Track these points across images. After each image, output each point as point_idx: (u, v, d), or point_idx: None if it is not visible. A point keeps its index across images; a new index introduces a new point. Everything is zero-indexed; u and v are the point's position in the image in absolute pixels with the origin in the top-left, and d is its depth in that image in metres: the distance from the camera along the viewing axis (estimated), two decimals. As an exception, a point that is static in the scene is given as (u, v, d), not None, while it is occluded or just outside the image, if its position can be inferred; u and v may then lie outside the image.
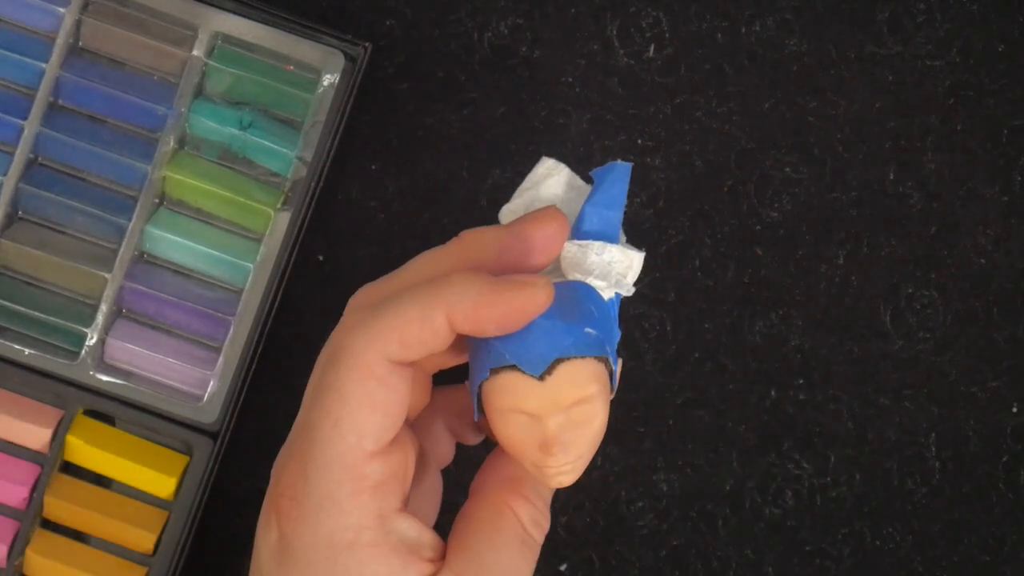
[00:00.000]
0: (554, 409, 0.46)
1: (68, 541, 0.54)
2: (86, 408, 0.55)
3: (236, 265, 0.55)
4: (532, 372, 0.45)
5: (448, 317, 0.44)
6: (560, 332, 0.46)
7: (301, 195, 0.55)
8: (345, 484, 0.44)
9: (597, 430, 0.47)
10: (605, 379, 0.47)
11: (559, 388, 0.46)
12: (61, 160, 0.56)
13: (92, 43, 0.56)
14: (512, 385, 0.46)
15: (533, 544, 0.47)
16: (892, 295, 0.56)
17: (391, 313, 0.44)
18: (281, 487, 0.45)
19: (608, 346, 0.47)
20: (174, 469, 0.54)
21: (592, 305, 0.47)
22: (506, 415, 0.46)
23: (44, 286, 0.56)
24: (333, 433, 0.44)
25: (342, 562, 0.44)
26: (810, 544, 0.56)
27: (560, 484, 0.47)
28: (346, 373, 0.44)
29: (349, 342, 0.45)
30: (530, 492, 0.48)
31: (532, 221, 0.47)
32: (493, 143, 0.57)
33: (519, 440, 0.47)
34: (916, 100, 0.56)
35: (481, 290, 0.44)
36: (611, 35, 0.57)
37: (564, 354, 0.45)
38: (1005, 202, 0.56)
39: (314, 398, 0.45)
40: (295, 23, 0.55)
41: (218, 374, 0.55)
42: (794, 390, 0.56)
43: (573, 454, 0.46)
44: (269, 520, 0.46)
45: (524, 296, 0.44)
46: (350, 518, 0.44)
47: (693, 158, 0.56)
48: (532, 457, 0.47)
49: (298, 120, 0.56)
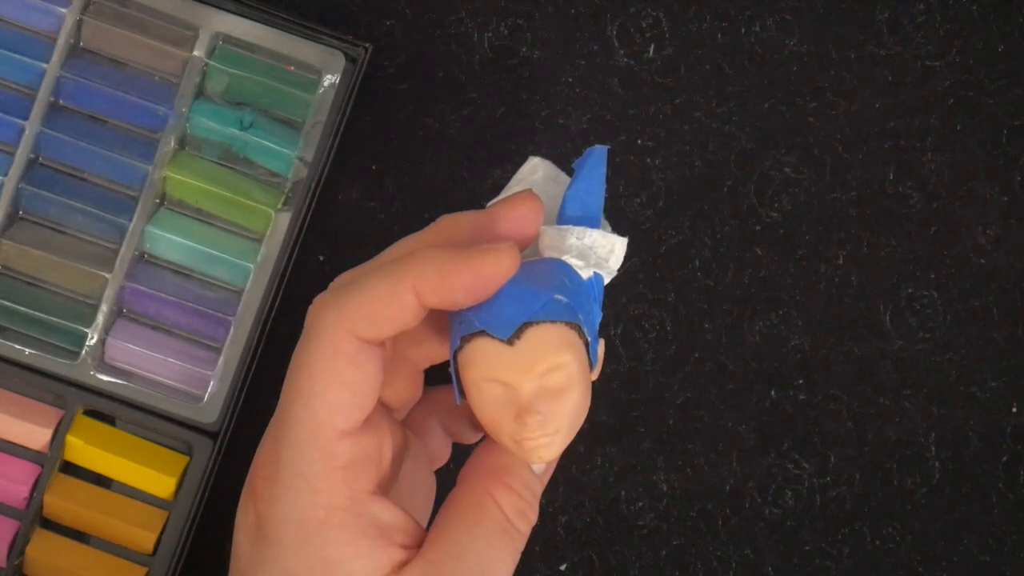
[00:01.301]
0: (526, 375, 0.46)
1: (68, 541, 0.54)
2: (86, 408, 0.55)
3: (236, 265, 0.55)
4: (500, 336, 0.45)
5: (415, 290, 0.44)
6: (528, 297, 0.45)
7: (301, 195, 0.55)
8: (316, 462, 0.44)
9: (575, 401, 0.46)
10: (579, 348, 0.47)
11: (529, 352, 0.45)
12: (62, 160, 0.56)
13: (93, 43, 0.56)
14: (483, 351, 0.46)
15: (516, 535, 0.47)
16: (892, 295, 0.56)
17: (358, 290, 0.45)
18: (256, 468, 0.45)
19: (582, 315, 0.47)
20: (174, 469, 0.54)
21: (566, 278, 0.47)
22: (480, 386, 0.46)
23: (44, 286, 0.56)
24: (304, 411, 0.44)
25: (312, 541, 0.44)
26: (810, 544, 0.56)
27: (540, 459, 0.46)
28: (316, 351, 0.44)
29: (319, 320, 0.45)
30: (515, 481, 0.47)
31: (506, 202, 0.48)
32: (493, 143, 0.57)
33: (495, 412, 0.46)
34: (916, 100, 0.56)
35: (444, 259, 0.44)
36: (611, 35, 0.57)
37: (532, 318, 0.45)
38: (1005, 202, 0.56)
39: (288, 378, 0.45)
40: (296, 24, 0.55)
41: (218, 374, 0.55)
42: (794, 390, 0.56)
43: (551, 426, 0.46)
44: (247, 503, 0.45)
45: (489, 261, 0.45)
46: (321, 497, 0.44)
47: (693, 158, 0.56)
48: (509, 430, 0.46)
49: (298, 120, 0.56)
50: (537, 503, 0.48)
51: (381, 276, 0.45)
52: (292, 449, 0.44)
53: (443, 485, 0.49)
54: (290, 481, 0.44)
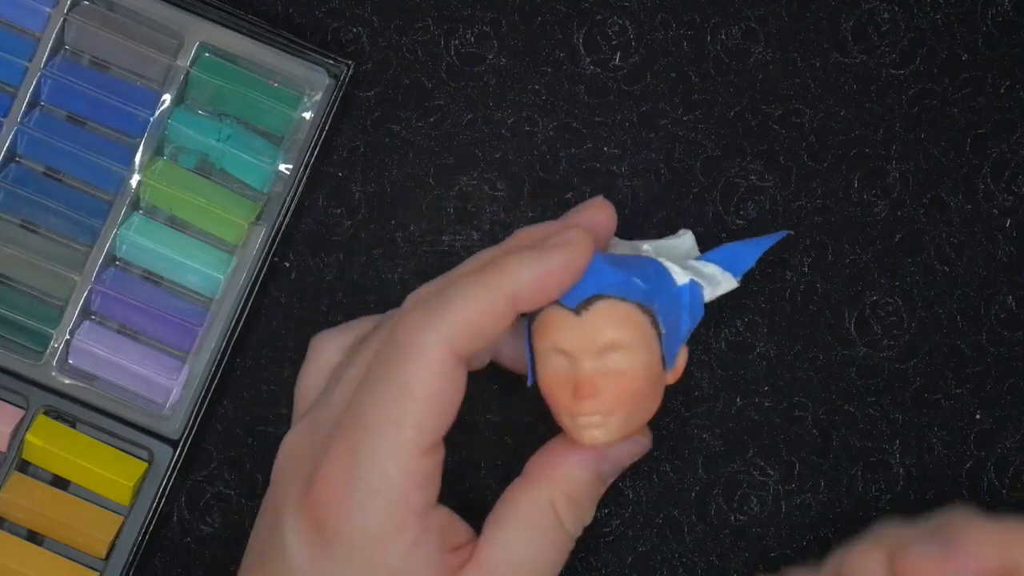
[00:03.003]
0: (589, 348, 0.46)
1: (19, 541, 0.54)
2: (47, 409, 0.55)
3: (207, 275, 0.55)
4: (569, 304, 0.46)
5: (513, 299, 0.45)
6: (605, 273, 0.47)
7: (275, 211, 0.55)
8: (396, 479, 0.45)
9: (634, 387, 0.46)
10: (648, 332, 0.47)
11: (594, 324, 0.46)
12: (39, 159, 0.56)
13: (77, 44, 0.56)
14: (552, 320, 0.47)
15: (570, 543, 0.48)
16: (857, 302, 0.56)
17: (455, 306, 0.45)
18: (322, 477, 0.45)
19: (658, 304, 0.47)
20: (132, 475, 0.54)
21: (652, 271, 0.48)
22: (547, 356, 0.47)
23: (12, 284, 0.56)
24: (392, 428, 0.45)
25: (382, 553, 0.45)
26: (775, 551, 0.56)
27: (593, 440, 0.47)
28: (414, 370, 0.45)
29: (418, 341, 0.45)
30: (579, 492, 0.48)
31: (578, 206, 0.51)
32: (460, 150, 0.57)
33: (556, 384, 0.47)
34: (880, 109, 0.56)
35: (534, 262, 0.45)
36: (577, 43, 0.57)
37: (603, 291, 0.46)
38: (969, 210, 0.56)
39: (372, 391, 0.45)
40: (280, 38, 0.55)
41: (182, 383, 0.55)
42: (759, 397, 0.56)
43: (605, 404, 0.46)
44: (300, 510, 0.45)
45: (574, 249, 0.46)
46: (396, 512, 0.45)
47: (659, 165, 0.56)
48: (567, 404, 0.47)
49: (277, 135, 0.56)
50: (595, 509, 0.49)
51: (475, 289, 0.45)
52: (372, 463, 0.45)
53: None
54: (367, 497, 0.45)
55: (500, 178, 0.57)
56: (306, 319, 0.56)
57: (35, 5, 0.55)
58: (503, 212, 0.56)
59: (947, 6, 0.57)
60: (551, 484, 0.48)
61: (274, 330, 0.57)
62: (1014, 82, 0.56)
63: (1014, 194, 0.56)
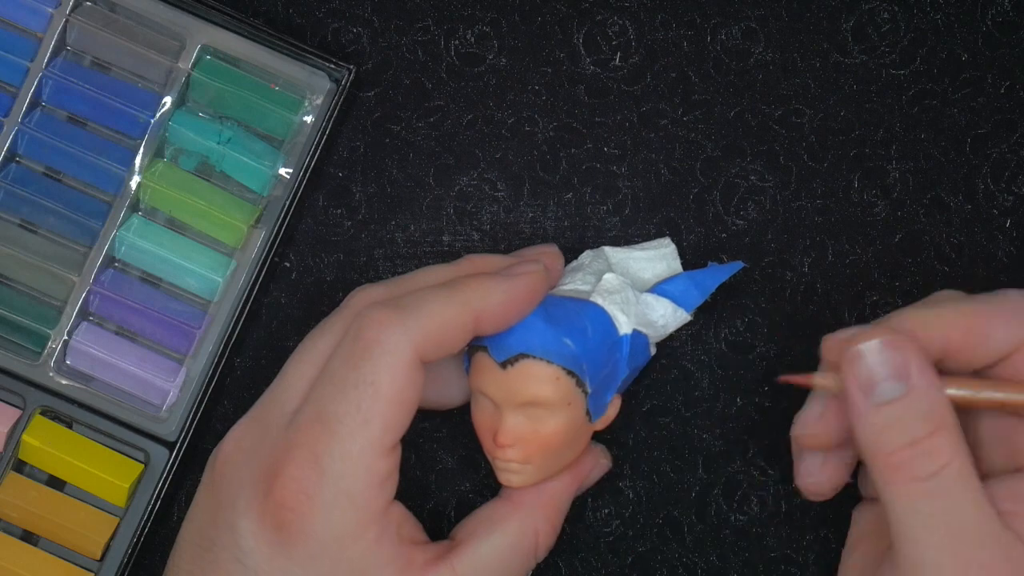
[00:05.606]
0: (512, 400, 0.48)
1: (15, 541, 0.54)
2: (44, 409, 0.55)
3: (206, 278, 0.55)
4: (496, 357, 0.48)
5: (476, 318, 0.46)
6: (535, 331, 0.48)
7: (275, 214, 0.55)
8: (362, 478, 0.45)
9: (552, 442, 0.48)
10: (570, 391, 0.48)
11: (517, 381, 0.48)
12: (39, 160, 0.56)
13: (79, 45, 0.56)
14: (482, 364, 0.48)
15: (532, 568, 0.50)
16: (857, 302, 0.56)
17: (426, 309, 0.46)
18: (286, 479, 0.45)
19: (587, 365, 0.48)
20: (128, 476, 0.54)
21: (590, 326, 0.49)
22: (476, 396, 0.49)
23: (11, 284, 0.55)
24: (360, 427, 0.45)
25: (347, 551, 0.45)
26: (775, 551, 0.56)
27: (507, 483, 0.49)
28: (383, 368, 0.45)
29: (386, 338, 0.45)
30: (559, 520, 0.50)
31: (531, 248, 0.53)
32: (459, 151, 0.57)
33: (481, 423, 0.49)
34: (880, 109, 0.56)
35: (504, 288, 0.47)
36: (577, 44, 0.57)
37: (530, 351, 0.47)
38: (968, 210, 0.56)
39: (338, 388, 0.45)
40: (282, 41, 0.55)
41: (179, 386, 0.55)
42: (759, 397, 0.56)
43: (521, 455, 0.48)
44: (260, 511, 0.45)
45: (533, 282, 0.48)
46: (361, 512, 0.45)
47: (659, 166, 0.56)
48: (488, 445, 0.49)
49: (278, 138, 0.56)
50: None
51: (445, 299, 0.46)
52: (339, 463, 0.45)
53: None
54: (333, 497, 0.45)
55: (500, 178, 0.57)
56: (304, 318, 0.56)
57: (37, 5, 0.55)
58: (503, 212, 0.56)
59: (947, 6, 0.57)
60: (537, 511, 0.49)
61: (274, 330, 0.56)
62: (1014, 82, 0.56)
63: (1014, 194, 0.56)
